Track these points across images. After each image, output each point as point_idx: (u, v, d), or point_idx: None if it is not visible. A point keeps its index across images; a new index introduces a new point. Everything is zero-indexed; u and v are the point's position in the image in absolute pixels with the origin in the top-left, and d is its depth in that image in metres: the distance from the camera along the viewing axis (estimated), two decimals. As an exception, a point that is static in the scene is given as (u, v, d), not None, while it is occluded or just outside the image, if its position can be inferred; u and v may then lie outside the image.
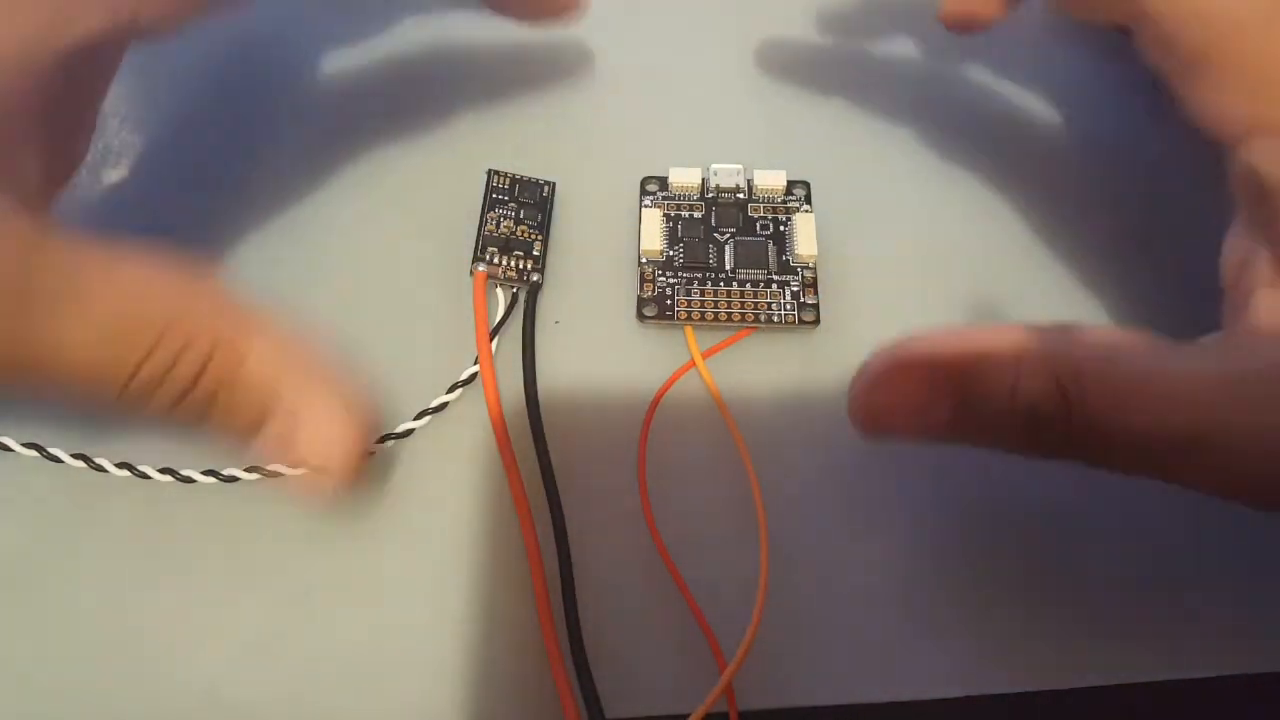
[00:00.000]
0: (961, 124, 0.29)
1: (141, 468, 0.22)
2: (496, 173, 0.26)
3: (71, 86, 0.20)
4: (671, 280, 0.25)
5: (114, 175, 0.27)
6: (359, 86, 0.25)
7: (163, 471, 0.22)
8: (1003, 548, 0.23)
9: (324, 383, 0.19)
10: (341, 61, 0.30)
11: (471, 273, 0.25)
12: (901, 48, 0.30)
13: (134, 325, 0.18)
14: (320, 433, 0.19)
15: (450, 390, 0.24)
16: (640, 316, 0.25)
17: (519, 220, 0.26)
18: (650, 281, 0.25)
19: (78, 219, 0.20)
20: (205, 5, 0.21)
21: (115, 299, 0.18)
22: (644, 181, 0.27)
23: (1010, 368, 0.18)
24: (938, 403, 0.19)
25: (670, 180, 0.27)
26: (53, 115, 0.19)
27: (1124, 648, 0.22)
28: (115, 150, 0.27)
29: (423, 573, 0.22)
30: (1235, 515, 0.19)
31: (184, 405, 0.18)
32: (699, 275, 0.25)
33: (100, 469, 0.22)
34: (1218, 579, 0.23)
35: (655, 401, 0.24)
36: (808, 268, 0.26)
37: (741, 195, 0.27)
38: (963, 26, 0.25)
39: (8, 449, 0.22)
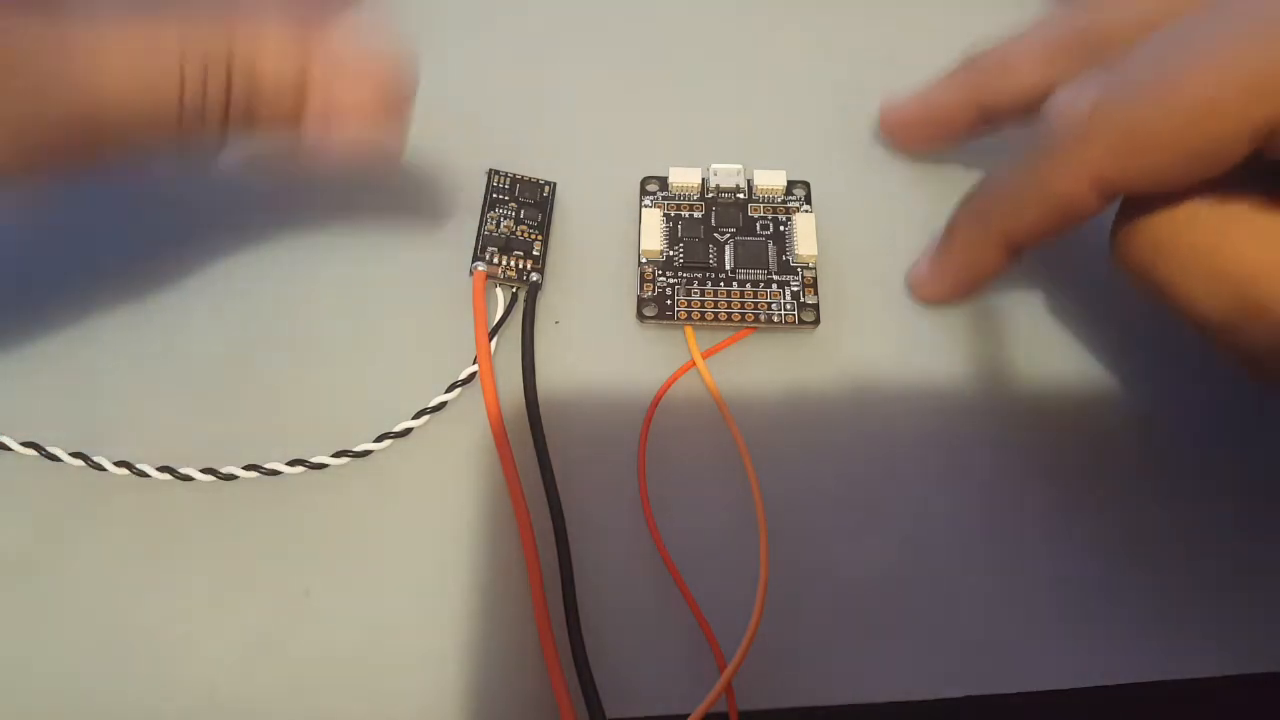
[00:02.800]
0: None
1: (140, 466, 0.22)
2: (496, 173, 0.26)
3: None
4: (671, 280, 0.25)
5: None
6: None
7: (161, 470, 0.22)
8: (1001, 548, 0.23)
9: (342, 45, 0.20)
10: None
11: (471, 272, 0.25)
12: (901, 45, 0.30)
13: (154, 53, 0.18)
14: (355, 81, 0.20)
15: (449, 390, 0.24)
16: (640, 316, 0.25)
17: (519, 220, 0.26)
18: (650, 281, 0.25)
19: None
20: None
21: (128, 34, 0.18)
22: (644, 181, 0.27)
23: None
24: None
25: (670, 180, 0.27)
26: None
27: (1124, 648, 0.22)
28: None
29: (421, 572, 0.22)
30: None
31: (233, 116, 0.19)
32: (699, 275, 0.25)
33: (99, 468, 0.22)
34: (1215, 579, 0.23)
35: (655, 401, 0.24)
36: (808, 268, 0.26)
37: (741, 195, 0.27)
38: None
39: (7, 448, 0.22)
